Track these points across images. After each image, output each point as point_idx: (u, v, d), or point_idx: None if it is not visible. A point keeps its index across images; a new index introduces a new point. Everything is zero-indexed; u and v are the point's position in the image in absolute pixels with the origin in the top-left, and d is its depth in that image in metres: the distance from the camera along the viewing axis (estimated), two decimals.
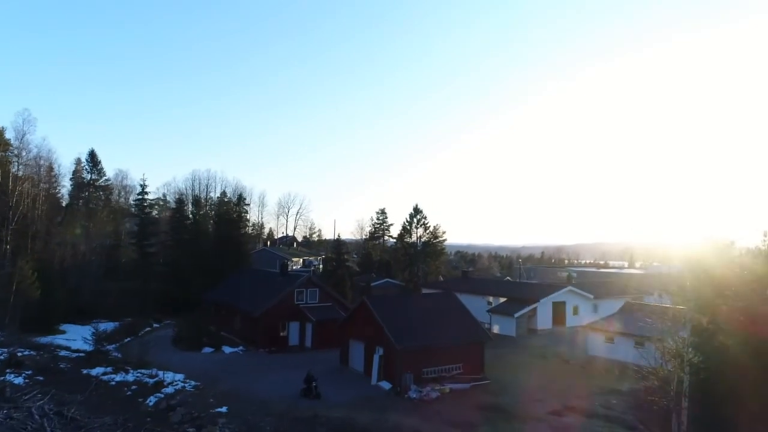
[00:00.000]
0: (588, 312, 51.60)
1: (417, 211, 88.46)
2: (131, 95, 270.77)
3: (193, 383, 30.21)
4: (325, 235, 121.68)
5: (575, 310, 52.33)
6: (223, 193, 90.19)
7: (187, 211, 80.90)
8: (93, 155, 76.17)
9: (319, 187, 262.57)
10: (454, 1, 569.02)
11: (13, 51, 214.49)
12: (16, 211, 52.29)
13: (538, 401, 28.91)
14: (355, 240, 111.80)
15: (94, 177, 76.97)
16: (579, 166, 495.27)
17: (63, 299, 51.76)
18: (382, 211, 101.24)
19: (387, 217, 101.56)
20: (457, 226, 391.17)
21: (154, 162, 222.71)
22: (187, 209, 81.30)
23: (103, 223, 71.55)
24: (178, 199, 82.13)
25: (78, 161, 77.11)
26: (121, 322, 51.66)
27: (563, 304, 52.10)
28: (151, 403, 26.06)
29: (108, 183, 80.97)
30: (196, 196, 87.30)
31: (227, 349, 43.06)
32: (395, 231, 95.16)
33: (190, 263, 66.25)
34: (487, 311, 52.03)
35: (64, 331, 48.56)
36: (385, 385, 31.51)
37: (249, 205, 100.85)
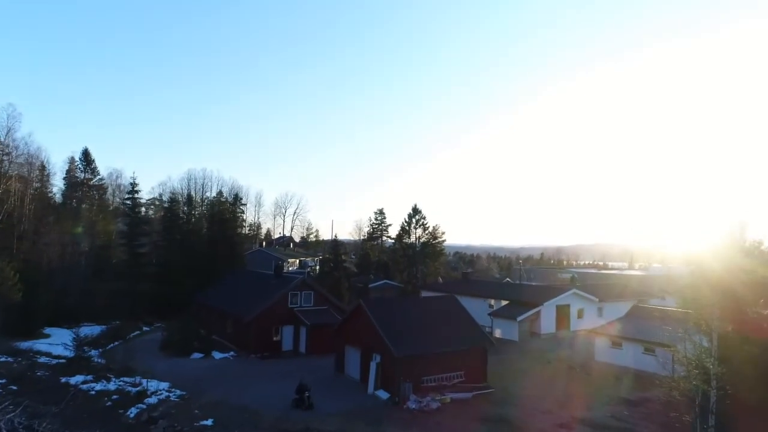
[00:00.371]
0: (593, 315, 50.25)
1: (416, 211, 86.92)
2: (127, 94, 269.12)
3: (179, 392, 28.47)
4: (322, 236, 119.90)
5: (580, 314, 50.78)
6: (219, 192, 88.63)
7: (180, 211, 79.12)
8: (87, 154, 74.77)
9: (317, 188, 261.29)
10: (454, 5, 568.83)
11: (9, 50, 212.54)
12: (0, 210, 50.44)
13: (544, 412, 27.27)
14: (353, 240, 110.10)
15: (87, 176, 75.52)
16: (578, 166, 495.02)
17: (49, 301, 49.71)
18: (381, 212, 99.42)
19: (385, 218, 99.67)
20: (456, 227, 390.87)
21: (150, 162, 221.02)
22: (179, 208, 79.55)
23: (94, 223, 69.69)
24: (171, 198, 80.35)
25: (71, 160, 75.72)
26: (108, 326, 49.83)
27: (567, 307, 50.50)
28: (132, 415, 24.24)
29: (102, 182, 79.79)
30: (190, 196, 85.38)
31: (217, 354, 41.38)
32: (394, 231, 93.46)
33: (183, 264, 64.70)
34: (489, 314, 50.37)
35: (48, 335, 46.66)
36: (383, 394, 29.77)
37: (245, 205, 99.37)
